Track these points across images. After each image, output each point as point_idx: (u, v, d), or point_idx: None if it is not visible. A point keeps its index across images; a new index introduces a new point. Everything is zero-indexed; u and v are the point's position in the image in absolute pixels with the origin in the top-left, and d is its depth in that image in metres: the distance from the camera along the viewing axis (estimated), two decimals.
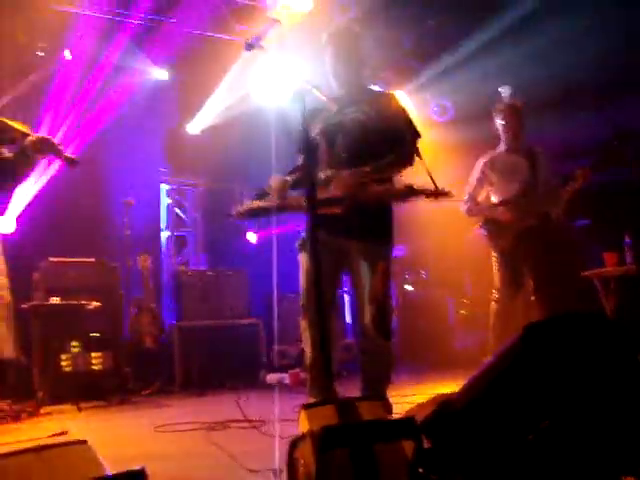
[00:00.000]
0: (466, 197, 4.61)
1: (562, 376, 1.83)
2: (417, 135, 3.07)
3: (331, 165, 2.97)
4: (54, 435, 3.49)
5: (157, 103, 6.47)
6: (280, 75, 6.44)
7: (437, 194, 2.62)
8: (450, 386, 4.41)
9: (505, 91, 5.70)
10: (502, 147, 4.61)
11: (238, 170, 6.78)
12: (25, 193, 5.40)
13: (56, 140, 3.36)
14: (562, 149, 5.51)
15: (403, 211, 3.09)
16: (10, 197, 3.69)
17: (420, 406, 2.72)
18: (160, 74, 6.58)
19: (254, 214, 2.94)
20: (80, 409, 4.40)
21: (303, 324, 3.01)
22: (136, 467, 1.25)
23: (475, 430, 1.85)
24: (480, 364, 4.77)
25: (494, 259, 4.46)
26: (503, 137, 4.56)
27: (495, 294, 4.44)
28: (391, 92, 3.21)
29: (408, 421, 1.64)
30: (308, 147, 2.46)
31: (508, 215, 4.35)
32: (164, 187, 6.78)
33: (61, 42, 5.81)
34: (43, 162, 4.99)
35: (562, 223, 4.51)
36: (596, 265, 5.08)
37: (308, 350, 2.99)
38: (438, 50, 6.74)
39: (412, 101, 7.70)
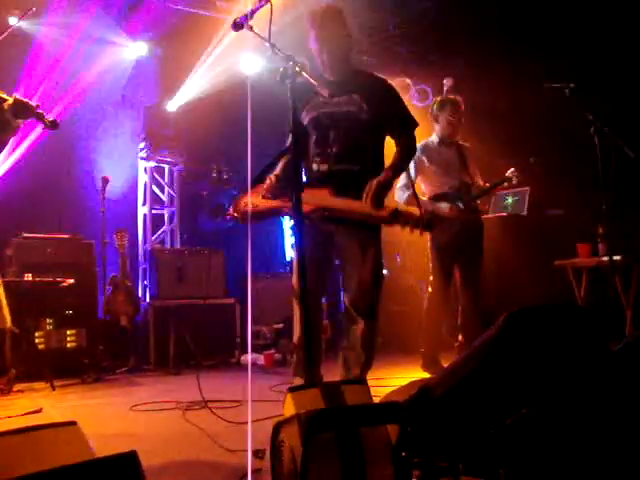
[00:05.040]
0: (401, 185, 4.50)
1: (540, 364, 1.88)
2: (415, 124, 3.07)
3: (324, 159, 2.94)
4: (28, 413, 3.48)
5: (137, 79, 6.36)
6: (264, 53, 6.41)
7: (420, 224, 2.65)
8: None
9: (448, 83, 5.65)
10: (435, 139, 4.60)
11: (217, 149, 6.72)
12: None
13: (34, 102, 3.26)
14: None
15: None
16: None
17: (398, 390, 2.76)
18: (140, 49, 6.47)
19: (251, 218, 2.96)
20: (54, 387, 4.37)
21: (295, 304, 3.01)
22: (126, 450, 1.25)
23: (453, 416, 1.89)
24: (451, 348, 4.89)
25: (430, 251, 4.54)
26: (443, 130, 4.55)
27: (430, 282, 4.58)
28: (382, 77, 3.12)
29: (393, 405, 1.66)
30: (296, 137, 2.41)
31: (454, 212, 4.37)
32: (142, 164, 6.69)
33: (37, 10, 5.65)
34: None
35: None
36: (569, 255, 5.19)
37: (298, 330, 3.00)
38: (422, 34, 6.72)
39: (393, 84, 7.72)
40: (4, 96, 3.19)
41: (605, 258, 4.59)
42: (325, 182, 2.86)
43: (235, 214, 2.98)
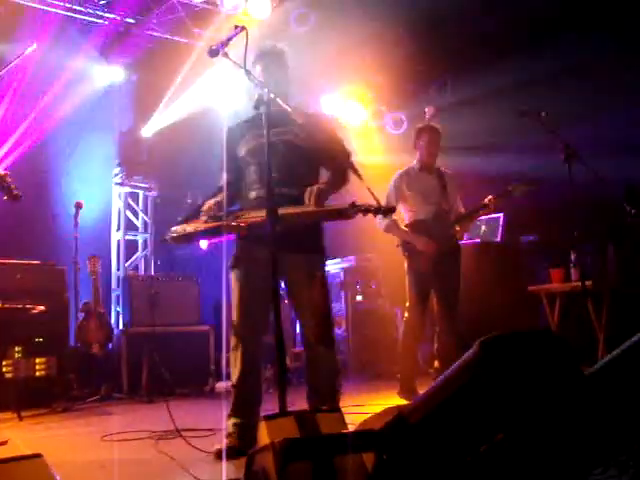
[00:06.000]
0: None
1: (515, 390, 1.88)
2: (349, 153, 3.15)
3: (263, 184, 2.97)
4: None
5: (112, 104, 6.35)
6: (237, 80, 6.45)
7: (380, 211, 2.67)
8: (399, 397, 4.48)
9: (429, 111, 5.77)
10: (416, 165, 4.70)
11: (191, 175, 6.70)
12: None
13: (3, 172, 3.24)
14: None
15: (352, 222, 3.14)
16: None
17: (374, 418, 2.74)
18: (116, 75, 6.46)
19: (189, 239, 3.00)
20: (21, 417, 4.24)
21: (233, 341, 3.03)
22: None
23: (429, 443, 1.88)
24: (427, 374, 4.88)
25: (407, 276, 4.58)
26: (422, 156, 4.65)
27: (407, 307, 4.60)
28: (319, 112, 3.25)
29: (368, 434, 1.65)
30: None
31: (430, 247, 4.44)
32: (116, 190, 6.64)
33: (12, 35, 5.64)
34: None
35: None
36: (542, 280, 5.25)
37: (237, 369, 3.02)
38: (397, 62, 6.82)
39: (368, 112, 7.81)
40: None
41: (577, 283, 4.65)
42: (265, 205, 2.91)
43: (173, 235, 3.01)
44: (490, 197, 4.51)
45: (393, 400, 4.35)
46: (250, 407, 3.03)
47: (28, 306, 4.63)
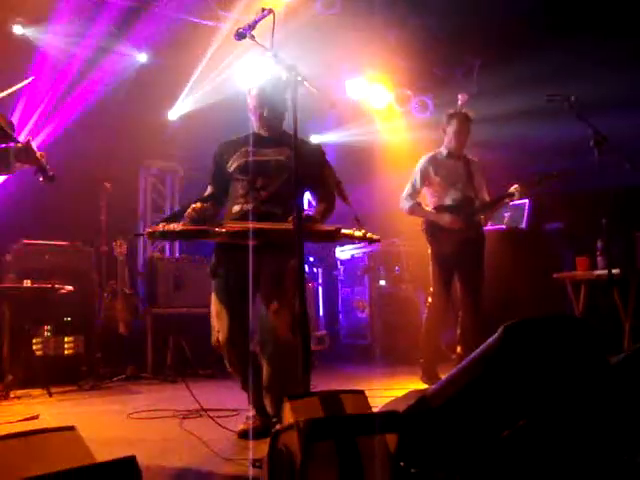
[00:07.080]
0: (407, 194, 4.67)
1: (538, 376, 1.88)
2: (334, 186, 3.16)
3: (250, 200, 3.04)
4: (25, 419, 3.47)
5: (139, 87, 6.38)
6: (265, 63, 6.42)
7: (364, 239, 2.84)
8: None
9: (462, 98, 5.74)
10: (444, 151, 4.70)
11: None
12: None
13: (37, 151, 3.29)
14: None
15: (377, 206, 3.16)
16: None
17: (397, 400, 2.76)
18: (141, 57, 6.49)
19: (165, 237, 3.08)
20: (50, 394, 4.35)
21: (226, 357, 3.10)
22: (124, 455, 1.25)
23: (451, 427, 1.89)
24: (449, 359, 4.87)
25: (431, 262, 4.59)
26: (450, 142, 4.66)
27: (431, 291, 4.61)
28: (310, 141, 3.25)
29: (392, 415, 1.66)
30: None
31: (456, 224, 4.45)
32: (143, 172, 6.70)
33: (41, 19, 5.70)
34: None
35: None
36: (568, 268, 5.19)
37: (239, 375, 3.14)
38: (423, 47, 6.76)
39: (393, 96, 7.76)
40: (11, 133, 3.19)
41: (604, 272, 4.59)
42: (249, 218, 2.96)
43: (149, 230, 3.06)
44: (516, 186, 4.49)
45: (415, 385, 4.37)
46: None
47: (57, 286, 4.72)
